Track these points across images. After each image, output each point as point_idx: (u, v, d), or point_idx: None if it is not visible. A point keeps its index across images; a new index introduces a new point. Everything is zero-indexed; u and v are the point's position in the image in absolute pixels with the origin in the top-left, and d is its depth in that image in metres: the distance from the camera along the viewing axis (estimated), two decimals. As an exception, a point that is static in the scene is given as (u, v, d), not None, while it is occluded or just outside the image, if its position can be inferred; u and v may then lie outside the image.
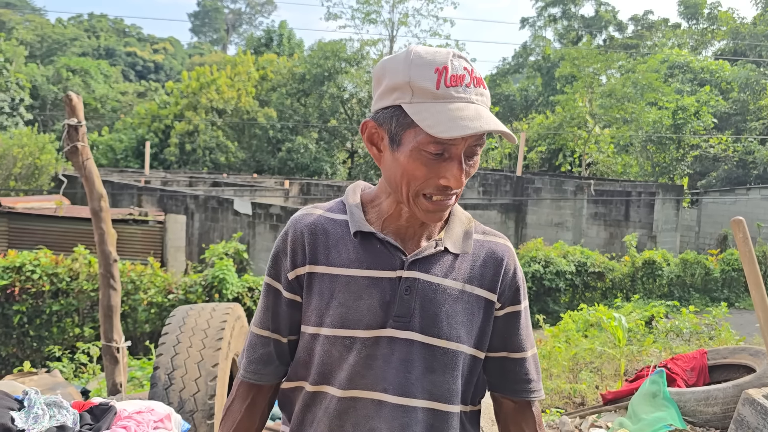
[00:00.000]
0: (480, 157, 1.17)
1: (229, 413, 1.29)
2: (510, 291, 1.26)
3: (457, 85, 1.10)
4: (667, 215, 15.15)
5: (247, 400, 1.28)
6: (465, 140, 1.10)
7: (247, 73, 28.97)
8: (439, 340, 1.18)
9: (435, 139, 1.08)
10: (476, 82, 1.12)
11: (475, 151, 1.14)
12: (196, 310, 2.93)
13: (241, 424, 1.28)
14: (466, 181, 1.16)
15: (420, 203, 1.14)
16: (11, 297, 7.33)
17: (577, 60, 23.13)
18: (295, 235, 1.23)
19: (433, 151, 1.10)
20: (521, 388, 1.28)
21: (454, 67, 1.10)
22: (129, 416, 1.94)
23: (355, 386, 1.17)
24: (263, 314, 1.28)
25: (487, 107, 1.14)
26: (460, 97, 1.09)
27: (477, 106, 1.10)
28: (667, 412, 3.62)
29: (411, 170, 1.12)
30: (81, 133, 3.09)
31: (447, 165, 1.11)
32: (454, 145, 1.10)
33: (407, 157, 1.12)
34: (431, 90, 1.09)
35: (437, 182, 1.12)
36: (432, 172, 1.11)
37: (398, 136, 1.13)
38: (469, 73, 1.12)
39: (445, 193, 1.13)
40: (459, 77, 1.10)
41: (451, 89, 1.09)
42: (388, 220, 1.22)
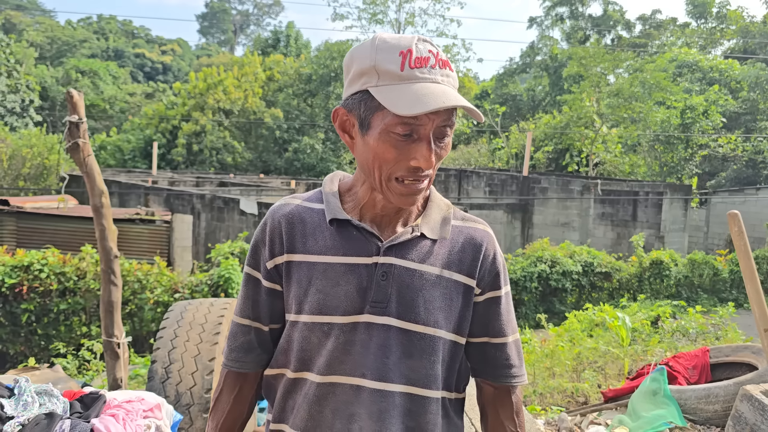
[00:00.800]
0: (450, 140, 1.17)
1: (218, 404, 1.32)
2: (489, 276, 1.26)
3: (422, 66, 1.12)
4: (675, 215, 15.06)
5: (235, 390, 1.31)
6: (432, 120, 1.11)
7: (254, 73, 29.07)
8: (416, 326, 1.18)
9: (402, 119, 1.10)
10: (441, 63, 1.14)
11: (444, 132, 1.14)
12: (194, 305, 2.95)
13: (231, 414, 1.31)
14: (438, 164, 1.18)
15: (392, 187, 1.15)
16: (19, 296, 7.39)
17: (585, 59, 23.05)
18: (273, 225, 1.25)
19: (401, 132, 1.11)
20: (502, 373, 1.29)
21: (419, 50, 1.12)
22: (118, 405, 1.96)
23: (334, 372, 1.18)
24: (243, 303, 1.29)
25: (454, 88, 1.15)
26: (424, 77, 1.11)
27: (442, 85, 1.12)
28: (667, 409, 3.61)
29: (381, 153, 1.13)
30: (82, 130, 3.12)
31: (416, 146, 1.12)
32: (422, 125, 1.11)
33: (377, 140, 1.13)
34: (396, 72, 1.11)
35: (408, 164, 1.13)
36: (402, 154, 1.12)
37: (367, 120, 1.14)
38: (434, 55, 1.13)
39: (417, 175, 1.14)
40: (423, 59, 1.12)
41: (415, 70, 1.11)
42: (364, 208, 1.23)
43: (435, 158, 1.14)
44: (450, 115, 1.13)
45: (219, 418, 1.31)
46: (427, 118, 1.11)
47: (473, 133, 28.97)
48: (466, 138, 29.30)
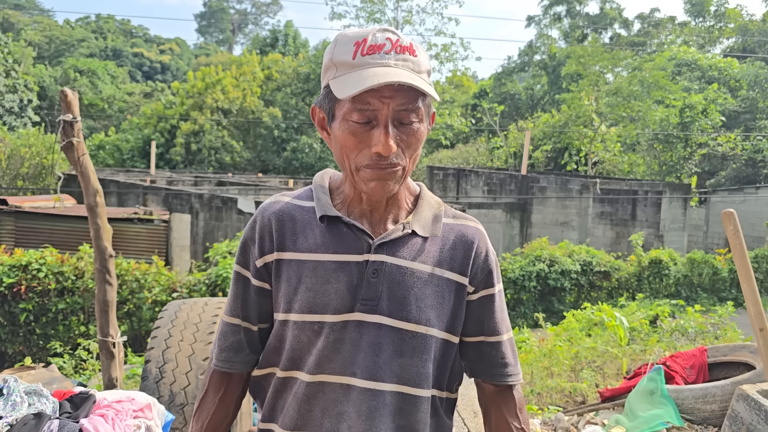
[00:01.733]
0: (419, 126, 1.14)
1: (203, 404, 1.30)
2: (482, 274, 1.25)
3: (374, 53, 1.11)
4: (674, 214, 15.06)
5: (220, 392, 1.29)
6: (386, 104, 1.10)
7: (252, 73, 29.06)
8: (408, 324, 1.17)
9: (355, 106, 1.10)
10: (400, 49, 1.12)
11: (405, 116, 1.12)
12: (188, 304, 2.95)
13: (216, 415, 1.29)
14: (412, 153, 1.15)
15: (361, 176, 1.14)
16: (18, 295, 7.38)
17: (583, 58, 23.04)
18: (262, 223, 1.24)
19: (357, 119, 1.11)
20: (498, 372, 1.28)
21: (375, 38, 1.12)
22: (108, 405, 1.95)
23: (323, 371, 1.17)
24: (233, 302, 1.28)
25: (412, 71, 1.12)
26: (375, 62, 1.10)
27: (392, 68, 1.10)
28: (664, 409, 3.60)
29: (343, 142, 1.14)
30: (76, 128, 3.11)
31: (375, 132, 1.11)
32: (376, 110, 1.10)
33: (339, 130, 1.14)
34: (349, 61, 1.11)
35: (370, 152, 1.12)
36: (363, 142, 1.12)
37: (331, 112, 1.16)
38: (392, 42, 1.12)
39: (380, 162, 1.12)
40: (378, 46, 1.12)
41: (367, 57, 1.11)
42: (351, 204, 1.22)
43: (403, 145, 1.13)
44: (410, 100, 1.11)
45: (204, 420, 1.29)
46: (380, 102, 1.10)
47: (471, 132, 28.96)
48: (465, 137, 29.29)
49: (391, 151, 1.11)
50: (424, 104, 1.15)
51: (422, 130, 1.16)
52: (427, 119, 1.18)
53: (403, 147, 1.13)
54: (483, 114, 27.48)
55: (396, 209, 1.24)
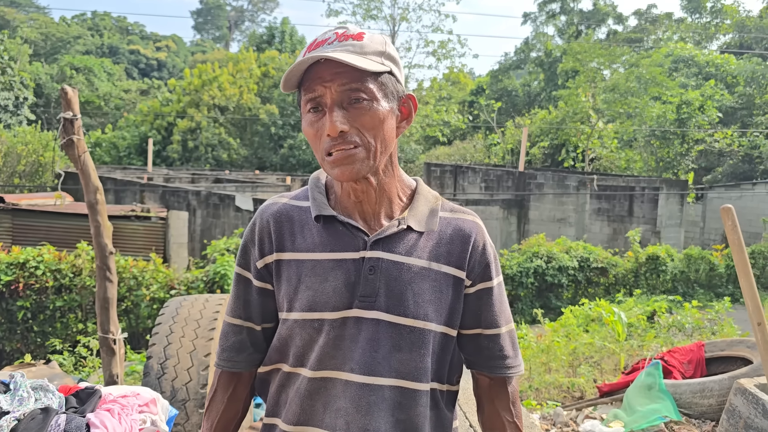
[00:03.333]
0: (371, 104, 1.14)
1: (213, 404, 1.32)
2: (480, 267, 1.26)
3: (317, 47, 1.15)
4: (671, 210, 15.10)
5: (229, 390, 1.31)
6: (328, 88, 1.13)
7: (249, 70, 29.00)
8: (406, 319, 1.18)
9: (305, 96, 1.15)
10: (343, 38, 1.15)
11: (353, 95, 1.13)
12: (189, 301, 2.95)
13: (225, 414, 1.31)
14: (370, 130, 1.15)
15: (326, 163, 1.16)
16: (15, 293, 7.37)
17: (580, 54, 23.06)
18: (261, 225, 1.26)
19: (309, 108, 1.16)
20: (496, 364, 1.28)
21: (324, 35, 1.17)
22: (114, 400, 1.96)
23: (325, 367, 1.18)
24: (235, 303, 1.30)
25: (352, 52, 1.14)
26: (312, 55, 1.13)
27: (324, 54, 1.12)
28: (662, 404, 3.62)
29: (306, 135, 1.19)
30: (76, 126, 3.11)
31: (325, 117, 1.14)
32: (321, 96, 1.14)
33: (303, 125, 1.19)
34: (297, 60, 1.15)
35: (325, 137, 1.15)
36: (319, 129, 1.15)
37: (300, 110, 1.20)
38: (339, 34, 1.16)
39: (336, 146, 1.14)
40: (321, 41, 1.16)
41: (310, 52, 1.15)
42: (342, 200, 1.24)
43: (357, 124, 1.14)
44: (353, 79, 1.12)
45: (214, 419, 1.31)
46: (323, 87, 1.13)
47: (469, 129, 28.97)
48: (462, 134, 29.30)
49: (336, 130, 1.12)
50: (377, 83, 1.15)
51: (378, 109, 1.15)
52: (387, 99, 1.17)
53: (357, 126, 1.14)
54: (480, 111, 27.49)
55: (388, 204, 1.24)
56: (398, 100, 1.20)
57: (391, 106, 1.18)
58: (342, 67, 1.12)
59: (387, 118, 1.16)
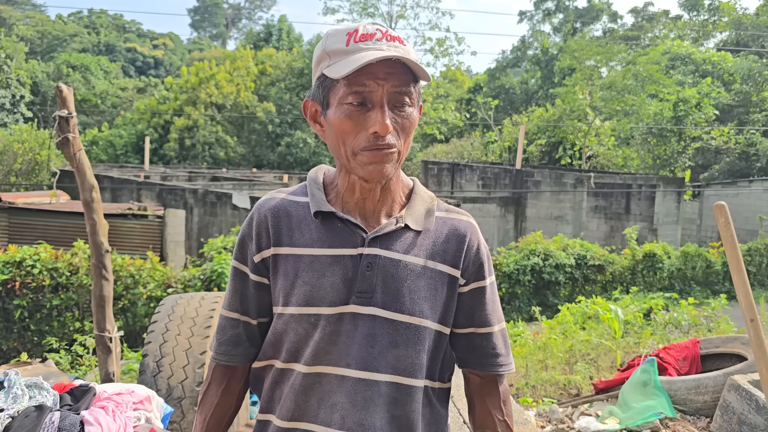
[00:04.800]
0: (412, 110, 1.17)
1: (206, 397, 1.32)
2: (474, 267, 1.27)
3: (367, 40, 1.15)
4: (668, 208, 15.13)
5: (223, 384, 1.31)
6: (381, 86, 1.13)
7: (246, 68, 28.96)
8: (402, 315, 1.20)
9: (351, 88, 1.13)
10: (390, 38, 1.16)
11: (401, 99, 1.15)
12: (185, 298, 2.96)
13: (219, 408, 1.32)
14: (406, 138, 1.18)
15: (359, 160, 1.16)
16: (12, 292, 7.36)
17: (577, 52, 23.07)
18: (259, 219, 1.26)
19: (353, 101, 1.14)
20: (488, 362, 1.30)
21: (366, 28, 1.16)
22: (108, 397, 1.97)
23: (320, 362, 1.19)
24: (231, 297, 1.31)
25: (403, 55, 1.15)
26: (368, 48, 1.13)
27: (385, 52, 1.13)
28: (657, 400, 3.64)
29: (339, 127, 1.16)
30: (72, 124, 3.10)
31: (371, 114, 1.14)
32: (371, 91, 1.13)
33: (335, 116, 1.16)
34: (342, 48, 1.14)
35: (366, 133, 1.14)
36: (359, 124, 1.15)
37: (326, 100, 1.18)
38: (382, 32, 1.16)
39: (377, 143, 1.14)
40: (369, 35, 1.15)
41: (360, 43, 1.14)
42: (345, 197, 1.24)
43: (398, 128, 1.16)
44: (403, 82, 1.15)
45: (207, 412, 1.32)
46: (375, 84, 1.13)
47: (466, 127, 28.97)
48: (459, 131, 29.30)
49: (388, 130, 1.13)
50: (416, 89, 1.18)
51: (415, 115, 1.19)
52: (418, 105, 1.21)
53: (398, 129, 1.16)
54: (477, 108, 27.50)
55: (390, 202, 1.26)
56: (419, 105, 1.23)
57: (417, 113, 1.21)
58: (394, 67, 1.13)
59: (416, 124, 1.20)
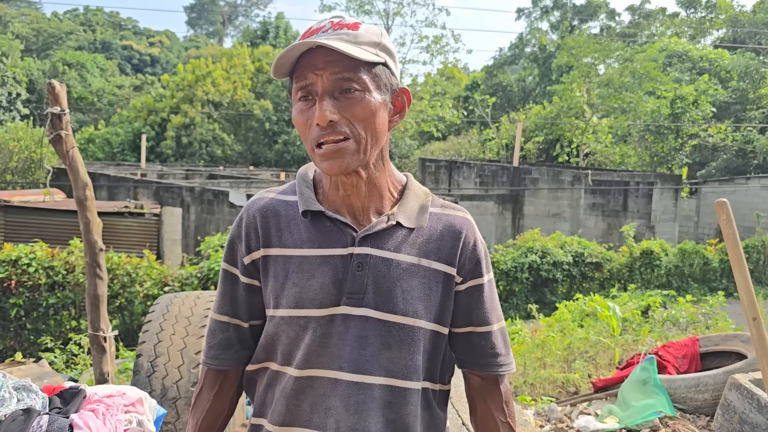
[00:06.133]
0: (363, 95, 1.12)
1: (199, 401, 1.30)
2: (470, 264, 1.23)
3: (312, 34, 1.13)
4: (665, 205, 15.13)
5: (215, 388, 1.28)
6: (319, 76, 1.11)
7: (242, 65, 28.89)
8: (395, 316, 1.16)
9: (296, 85, 1.13)
10: (339, 27, 1.13)
11: (344, 84, 1.11)
12: (180, 297, 2.92)
13: (211, 412, 1.29)
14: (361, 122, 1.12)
15: (316, 155, 1.14)
16: (8, 290, 7.33)
17: (575, 50, 23.06)
18: (248, 220, 1.23)
19: (299, 96, 1.14)
20: (488, 362, 1.26)
21: (319, 23, 1.15)
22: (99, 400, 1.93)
23: (312, 365, 1.16)
24: (222, 300, 1.27)
25: (346, 41, 1.11)
26: (306, 41, 1.11)
27: (320, 41, 1.10)
28: (656, 399, 3.62)
29: (296, 123, 1.16)
30: (64, 121, 3.07)
31: (315, 106, 1.12)
32: (312, 83, 1.12)
33: (293, 114, 1.17)
34: (291, 46, 1.12)
35: (314, 126, 1.12)
36: (308, 119, 1.13)
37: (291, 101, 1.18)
38: (335, 23, 1.14)
39: (326, 136, 1.11)
40: (317, 28, 1.14)
41: (304, 39, 1.12)
42: (330, 194, 1.21)
43: (347, 115, 1.11)
44: (345, 68, 1.10)
45: (199, 416, 1.29)
46: (314, 75, 1.11)
47: (463, 124, 28.95)
48: (457, 129, 29.28)
49: (325, 120, 1.09)
50: (371, 74, 1.13)
51: (370, 100, 1.12)
52: (380, 91, 1.14)
53: (348, 117, 1.11)
54: (475, 106, 27.47)
55: (378, 198, 1.22)
56: (392, 93, 1.18)
57: (384, 99, 1.15)
58: (335, 55, 1.09)
59: (379, 110, 1.14)
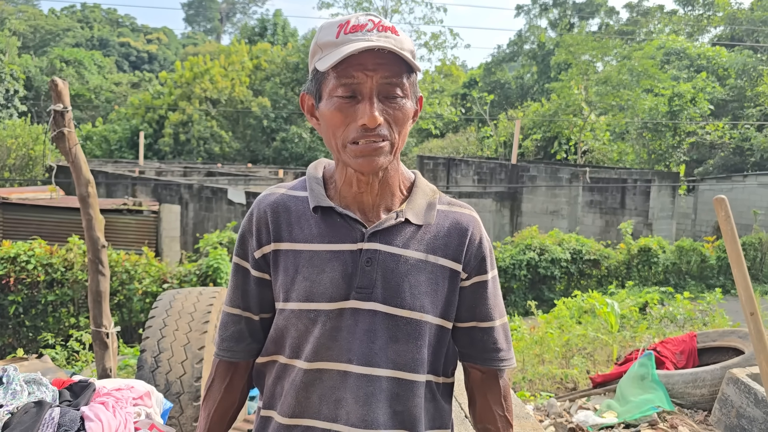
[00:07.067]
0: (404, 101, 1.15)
1: (210, 393, 1.33)
2: (476, 261, 1.27)
3: (357, 31, 1.14)
4: (663, 203, 15.17)
5: (226, 380, 1.31)
6: (370, 77, 1.12)
7: (240, 62, 28.86)
8: (402, 310, 1.19)
9: (340, 81, 1.13)
10: (381, 28, 1.15)
11: (391, 90, 1.14)
12: (182, 294, 2.94)
13: (222, 403, 1.32)
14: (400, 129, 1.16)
15: (349, 151, 1.15)
16: (6, 287, 7.33)
17: (573, 47, 23.07)
18: (259, 215, 1.26)
19: (342, 93, 1.13)
20: (490, 356, 1.29)
21: (358, 20, 1.15)
22: (108, 393, 1.96)
23: (321, 358, 1.19)
24: (233, 293, 1.30)
25: (394, 46, 1.13)
26: (357, 39, 1.12)
27: (374, 42, 1.12)
28: (654, 394, 3.65)
29: (330, 119, 1.16)
30: (67, 118, 3.08)
31: (360, 106, 1.13)
32: (360, 83, 1.12)
33: (326, 108, 1.16)
34: (332, 41, 1.14)
35: (356, 125, 1.13)
36: (349, 117, 1.14)
37: (318, 93, 1.18)
38: (375, 23, 1.15)
39: (367, 135, 1.13)
40: (360, 26, 1.14)
41: (349, 35, 1.13)
42: (343, 190, 1.24)
43: (390, 119, 1.14)
44: (394, 73, 1.13)
45: (210, 408, 1.32)
46: (364, 75, 1.12)
47: (461, 122, 28.96)
48: (455, 126, 29.28)
49: (376, 122, 1.12)
50: (409, 81, 1.17)
51: (408, 107, 1.17)
52: (413, 98, 1.19)
53: (390, 121, 1.15)
54: (473, 103, 27.47)
55: (389, 196, 1.24)
56: (416, 101, 1.22)
57: (413, 105, 1.20)
58: (384, 58, 1.12)
59: (410, 116, 1.19)
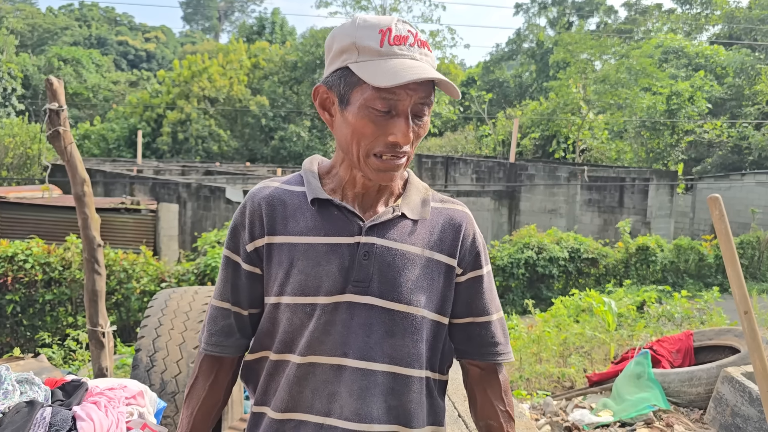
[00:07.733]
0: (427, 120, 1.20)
1: (193, 391, 1.30)
2: (470, 256, 1.28)
3: (401, 43, 1.14)
4: (661, 201, 15.18)
5: (211, 377, 1.29)
6: (410, 96, 1.13)
7: (239, 61, 28.84)
8: (399, 305, 1.19)
9: (381, 94, 1.12)
10: (420, 43, 1.17)
11: (422, 110, 1.16)
12: (178, 293, 2.94)
13: (206, 402, 1.29)
14: (416, 143, 1.19)
15: (370, 163, 1.16)
16: (4, 287, 7.33)
17: (571, 46, 23.07)
18: (252, 208, 1.24)
19: (380, 107, 1.13)
20: (487, 351, 1.29)
21: (398, 29, 1.15)
22: (101, 392, 1.95)
23: (314, 352, 1.18)
24: (223, 287, 1.29)
25: (431, 66, 1.16)
26: (403, 53, 1.14)
27: (419, 62, 1.14)
28: (651, 392, 3.65)
29: (360, 128, 1.15)
30: (63, 117, 3.07)
31: (394, 122, 1.14)
32: (400, 100, 1.13)
33: (355, 116, 1.15)
34: (375, 48, 1.13)
35: (386, 140, 1.14)
36: (380, 129, 1.14)
37: (346, 96, 1.16)
38: (413, 35, 1.16)
39: (394, 151, 1.15)
40: (403, 37, 1.15)
41: (394, 47, 1.14)
42: (346, 187, 1.24)
43: (413, 136, 1.17)
44: (428, 94, 1.16)
45: (194, 406, 1.29)
46: (405, 93, 1.13)
47: (460, 120, 28.95)
48: (453, 125, 29.28)
49: (408, 142, 1.15)
50: (432, 99, 1.20)
51: (428, 122, 1.21)
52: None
53: (413, 138, 1.17)
54: (471, 102, 27.47)
55: (388, 194, 1.26)
56: None
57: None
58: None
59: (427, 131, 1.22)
